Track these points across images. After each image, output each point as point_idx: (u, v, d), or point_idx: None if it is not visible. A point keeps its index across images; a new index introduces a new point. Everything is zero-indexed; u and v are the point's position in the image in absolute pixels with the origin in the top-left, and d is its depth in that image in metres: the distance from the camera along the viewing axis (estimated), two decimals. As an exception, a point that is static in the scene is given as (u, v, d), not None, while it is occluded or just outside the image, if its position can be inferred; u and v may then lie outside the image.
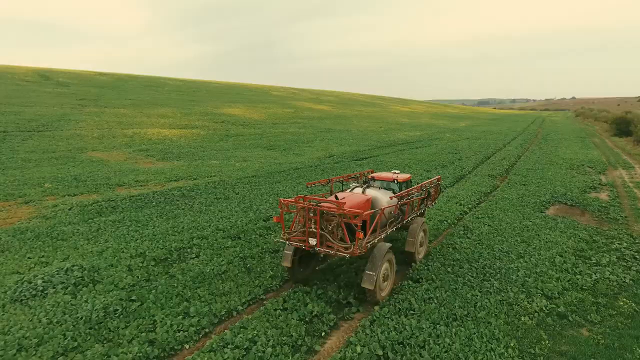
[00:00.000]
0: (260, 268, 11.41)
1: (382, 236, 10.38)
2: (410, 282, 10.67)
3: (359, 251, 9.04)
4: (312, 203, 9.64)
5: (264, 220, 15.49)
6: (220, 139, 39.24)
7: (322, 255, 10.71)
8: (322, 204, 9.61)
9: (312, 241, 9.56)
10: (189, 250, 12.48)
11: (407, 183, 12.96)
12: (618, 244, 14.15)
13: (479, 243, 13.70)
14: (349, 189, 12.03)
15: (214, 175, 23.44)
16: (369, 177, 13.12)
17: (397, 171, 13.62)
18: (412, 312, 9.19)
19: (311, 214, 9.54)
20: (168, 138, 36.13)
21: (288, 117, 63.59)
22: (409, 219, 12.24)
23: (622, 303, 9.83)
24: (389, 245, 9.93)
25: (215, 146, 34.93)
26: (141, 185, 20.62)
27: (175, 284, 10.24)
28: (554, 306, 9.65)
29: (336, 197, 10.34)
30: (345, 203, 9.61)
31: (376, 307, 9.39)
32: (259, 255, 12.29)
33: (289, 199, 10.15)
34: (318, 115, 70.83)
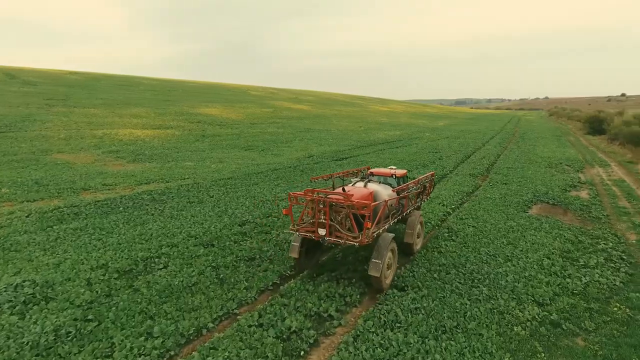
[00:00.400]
0: (234, 278, 10.54)
1: (386, 227, 10.87)
2: (395, 291, 9.99)
3: (366, 240, 9.51)
4: (321, 195, 10.06)
5: (239, 225, 14.59)
6: (196, 140, 37.95)
7: (326, 245, 11.53)
8: (330, 196, 10.03)
9: (322, 231, 9.98)
10: (156, 260, 11.50)
11: (404, 178, 13.68)
12: (604, 244, 13.86)
13: (464, 246, 13.17)
14: (351, 184, 12.33)
15: (188, 178, 22.34)
16: (368, 172, 13.64)
17: (393, 167, 14.18)
18: (398, 324, 8.51)
19: (321, 206, 9.94)
20: (140, 139, 34.67)
21: (266, 117, 62.51)
22: (408, 211, 12.80)
23: (615, 308, 9.40)
24: (392, 235, 10.33)
25: (191, 147, 33.68)
26: (109, 189, 19.38)
27: (139, 299, 9.29)
28: (547, 313, 9.14)
29: (343, 189, 10.87)
30: (353, 195, 10.22)
31: (359, 321, 8.69)
32: (233, 264, 11.41)
33: (298, 192, 10.65)
34: (297, 115, 69.95)
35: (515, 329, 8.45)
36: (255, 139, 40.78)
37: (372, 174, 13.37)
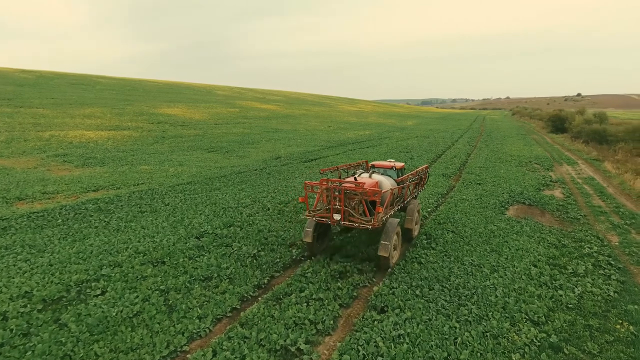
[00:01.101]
0: (186, 304, 8.94)
1: (391, 213, 11.67)
2: (374, 314, 8.69)
3: (377, 224, 10.46)
4: (336, 184, 10.87)
5: (196, 238, 12.92)
6: (155, 141, 35.59)
7: (339, 229, 13.22)
8: (345, 184, 10.83)
9: (337, 216, 10.84)
10: (93, 284, 9.71)
11: (402, 170, 14.74)
12: (588, 247, 13.12)
13: (446, 255, 12.06)
14: (357, 174, 13.30)
15: (142, 183, 20.33)
16: (369, 165, 14.79)
17: (392, 160, 15.19)
18: (380, 358, 7.19)
19: (336, 193, 10.77)
20: (93, 141, 32.03)
21: (233, 117, 60.33)
22: (408, 200, 13.73)
23: (618, 326, 8.45)
24: (397, 220, 11.23)
25: (149, 149, 31.38)
26: (49, 198, 17.17)
27: (64, 339, 7.55)
28: (545, 335, 8.06)
29: (355, 179, 11.93)
30: (365, 183, 11.11)
31: (334, 355, 7.31)
32: (185, 285, 9.80)
33: (314, 182, 11.56)
34: (265, 115, 68.08)
35: (513, 358, 7.31)
36: (219, 139, 38.78)
37: (373, 166, 14.41)
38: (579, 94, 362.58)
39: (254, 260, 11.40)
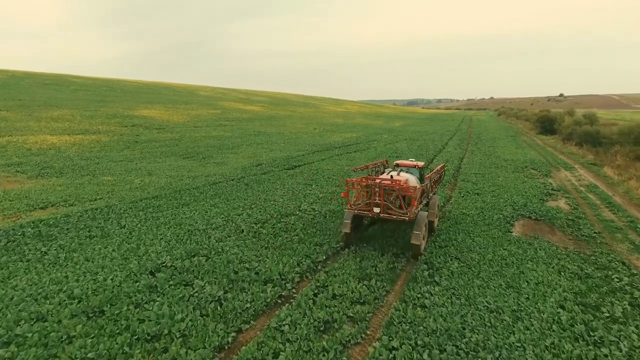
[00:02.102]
0: (119, 384, 6.62)
1: (420, 207, 12.94)
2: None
3: (412, 216, 11.86)
4: (376, 181, 12.29)
5: (150, 274, 10.57)
6: (126, 147, 32.89)
7: (366, 222, 14.93)
8: (384, 182, 12.23)
9: (377, 209, 12.14)
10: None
11: (423, 169, 15.78)
12: (617, 279, 11.18)
13: (454, 294, 9.95)
14: (386, 173, 14.72)
15: (100, 198, 17.80)
16: (395, 163, 16.02)
17: (413, 159, 17.16)
18: None
19: (376, 190, 12.10)
20: (55, 147, 29.22)
21: (213, 119, 57.65)
22: (430, 195, 14.97)
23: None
24: (426, 213, 12.51)
25: (117, 156, 28.71)
26: (-17, 220, 14.58)
27: None
28: None
29: (392, 177, 13.08)
30: (401, 181, 12.49)
31: None
32: (123, 350, 7.47)
33: (355, 179, 12.77)
34: (248, 117, 65.50)
35: None
36: (197, 144, 36.21)
37: (398, 165, 15.75)
38: (561, 94, 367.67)
39: (218, 307, 9.12)
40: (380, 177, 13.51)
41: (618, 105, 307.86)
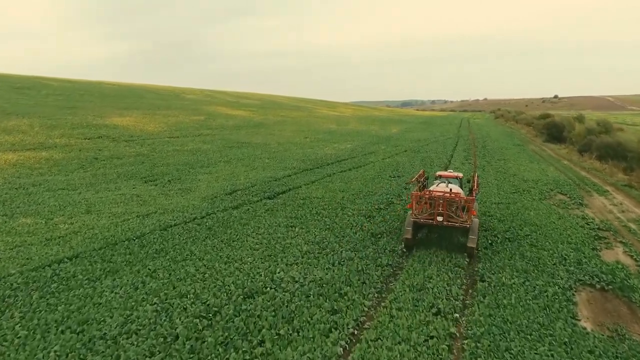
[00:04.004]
0: None
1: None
2: None
3: (469, 223, 14.04)
4: (439, 194, 14.50)
5: None
6: (80, 166, 27.78)
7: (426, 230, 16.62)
8: (445, 194, 14.47)
9: (440, 218, 14.31)
10: None
11: (461, 180, 18.45)
12: None
13: None
14: (435, 184, 17.06)
15: (-8, 263, 12.70)
16: (437, 175, 18.79)
17: (451, 170, 21.83)
18: None
19: (440, 201, 14.25)
20: (-15, 170, 24.04)
21: (195, 127, 52.52)
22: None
23: None
24: (478, 220, 14.79)
25: (61, 181, 23.61)
26: None
27: None
28: None
29: (450, 190, 15.13)
30: (460, 193, 15.41)
31: None
32: None
33: (421, 192, 15.29)
34: (233, 124, 60.40)
35: None
36: (167, 161, 31.12)
37: (440, 176, 18.36)
38: (555, 96, 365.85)
39: None
40: (439, 189, 15.43)
41: (612, 107, 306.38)
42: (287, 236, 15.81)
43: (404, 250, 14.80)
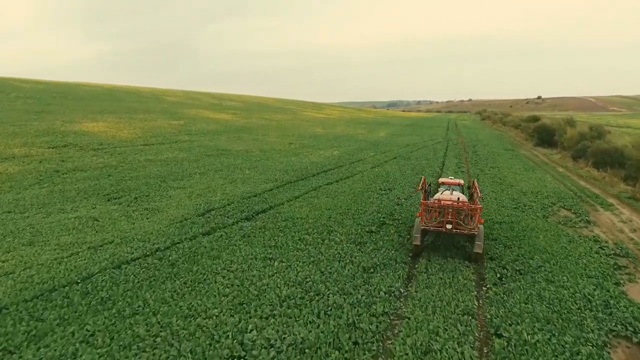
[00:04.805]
0: None
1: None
2: None
3: (476, 230, 14.81)
4: (448, 203, 15.17)
5: None
6: (37, 182, 24.91)
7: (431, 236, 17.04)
8: (454, 203, 15.17)
9: (449, 226, 15.00)
10: None
11: (463, 186, 19.09)
12: None
13: None
14: (440, 192, 17.37)
15: None
16: (439, 182, 19.64)
17: (452, 177, 21.41)
18: None
19: (450, 210, 14.89)
20: None
21: (172, 132, 49.64)
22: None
23: None
24: (482, 227, 15.28)
25: (9, 202, 20.78)
26: None
27: None
28: None
29: (459, 199, 15.79)
30: (466, 202, 16.06)
31: None
32: None
33: (429, 202, 15.69)
34: (214, 129, 57.62)
35: None
36: (136, 173, 28.38)
37: (443, 183, 19.02)
38: (539, 97, 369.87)
39: None
40: (445, 197, 15.98)
41: (594, 108, 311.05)
42: (264, 274, 13.40)
43: (412, 257, 15.48)
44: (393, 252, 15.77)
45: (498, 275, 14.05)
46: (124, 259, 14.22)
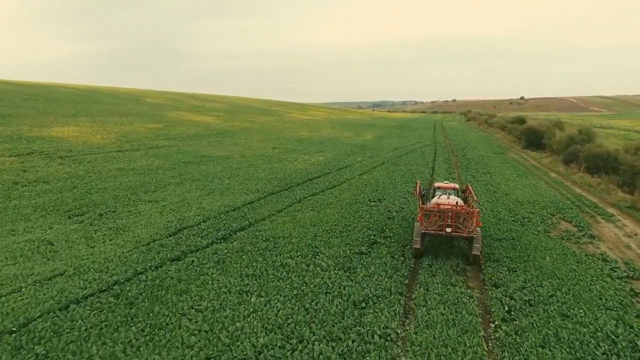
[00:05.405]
0: None
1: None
2: None
3: (475, 233, 15.21)
4: (448, 207, 15.66)
5: None
6: (-10, 196, 22.44)
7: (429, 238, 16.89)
8: (453, 207, 15.66)
9: (449, 229, 15.39)
10: None
11: (458, 190, 19.73)
12: None
13: None
14: (438, 196, 18.19)
15: None
16: (435, 186, 20.33)
17: (447, 181, 22.28)
18: None
19: (449, 214, 15.31)
20: None
21: (149, 137, 47.15)
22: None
23: None
24: (480, 230, 15.69)
25: (-47, 221, 18.36)
26: None
27: None
28: None
29: (457, 203, 16.54)
30: (464, 206, 16.62)
31: None
32: None
33: (429, 206, 16.25)
34: (195, 132, 55.23)
35: None
36: (104, 184, 26.07)
37: (439, 188, 19.60)
38: (522, 97, 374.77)
39: None
40: (443, 202, 16.69)
41: (576, 108, 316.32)
42: (239, 314, 11.47)
43: (413, 258, 15.87)
44: (386, 279, 14.00)
45: (506, 308, 12.41)
46: (73, 296, 12.11)
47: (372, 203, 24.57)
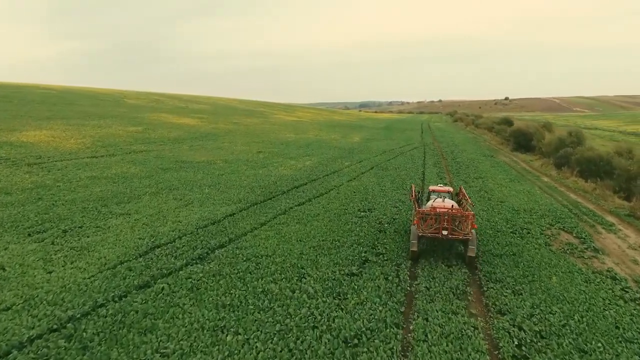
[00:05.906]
0: None
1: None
2: None
3: (470, 235, 15.59)
4: (444, 210, 16.07)
5: None
6: (-58, 211, 20.31)
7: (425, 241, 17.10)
8: (449, 210, 16.14)
9: (445, 232, 15.77)
10: None
11: (452, 193, 20.17)
12: None
13: None
14: (433, 200, 18.49)
15: None
16: (430, 189, 20.50)
17: (441, 185, 23.39)
18: None
19: (445, 217, 15.68)
20: None
21: (128, 141, 44.97)
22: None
23: None
24: (475, 232, 16.04)
25: None
26: None
27: None
28: None
29: (452, 206, 17.09)
30: (460, 209, 17.10)
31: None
32: None
33: (425, 209, 16.78)
34: (176, 136, 53.12)
35: None
36: (72, 196, 24.07)
37: (434, 191, 19.88)
38: (506, 98, 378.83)
39: None
40: (439, 205, 17.03)
41: (559, 109, 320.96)
42: (212, 359, 9.83)
43: (410, 261, 16.07)
44: (380, 308, 12.52)
45: (515, 342, 11.03)
46: (17, 339, 10.32)
47: (362, 213, 23.11)
